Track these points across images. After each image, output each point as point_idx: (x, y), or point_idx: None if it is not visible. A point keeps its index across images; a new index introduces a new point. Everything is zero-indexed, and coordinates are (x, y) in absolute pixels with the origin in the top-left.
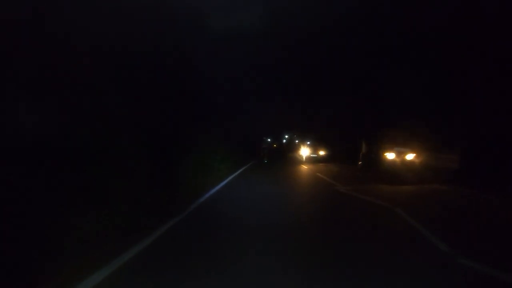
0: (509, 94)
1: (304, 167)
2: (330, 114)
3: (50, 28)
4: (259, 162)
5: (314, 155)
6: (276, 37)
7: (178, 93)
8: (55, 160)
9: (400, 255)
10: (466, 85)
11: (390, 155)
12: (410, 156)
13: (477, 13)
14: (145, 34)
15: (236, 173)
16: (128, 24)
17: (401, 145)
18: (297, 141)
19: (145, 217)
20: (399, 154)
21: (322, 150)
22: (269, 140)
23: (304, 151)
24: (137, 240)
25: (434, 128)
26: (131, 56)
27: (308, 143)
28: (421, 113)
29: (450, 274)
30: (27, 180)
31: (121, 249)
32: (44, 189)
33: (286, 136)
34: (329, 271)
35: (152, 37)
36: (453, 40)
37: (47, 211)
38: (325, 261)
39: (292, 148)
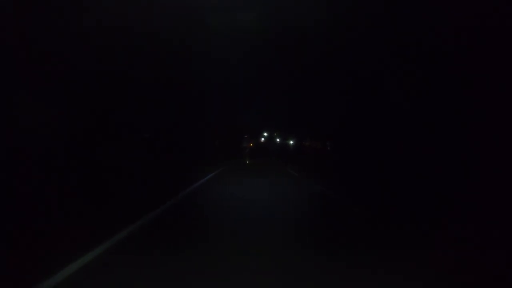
0: None
1: None
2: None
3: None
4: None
5: None
6: (270, 37)
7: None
8: None
9: None
10: None
11: None
12: None
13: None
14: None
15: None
16: (123, 20)
17: None
18: (278, 139)
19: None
20: None
21: None
22: (245, 136)
23: None
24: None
25: None
26: (127, 55)
27: None
28: None
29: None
30: None
31: None
32: None
33: (265, 134)
34: None
35: (145, 38)
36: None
37: None
38: None
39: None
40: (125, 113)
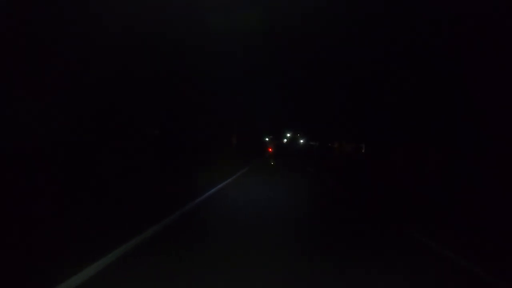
0: None
1: None
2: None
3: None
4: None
5: None
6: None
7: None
8: None
9: None
10: None
11: None
12: None
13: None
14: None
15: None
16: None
17: None
18: (301, 140)
19: None
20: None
21: None
22: (266, 139)
23: None
24: None
25: None
26: (129, 54)
27: None
28: None
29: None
30: None
31: None
32: None
33: (288, 135)
34: None
35: (150, 37)
36: None
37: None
38: None
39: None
40: (130, 112)
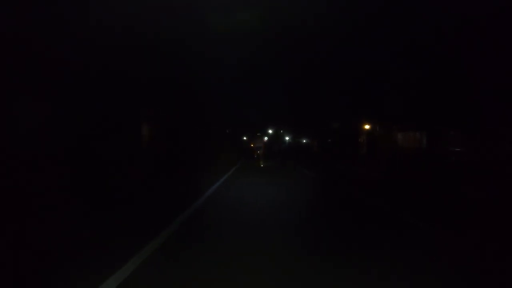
0: None
1: None
2: None
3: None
4: None
5: None
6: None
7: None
8: None
9: None
10: None
11: None
12: None
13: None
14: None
15: None
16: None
17: None
18: (287, 138)
19: None
20: None
21: None
22: (245, 138)
23: None
24: None
25: None
26: (127, 52)
27: None
28: None
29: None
30: None
31: None
32: None
33: (270, 131)
34: None
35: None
36: None
37: None
38: None
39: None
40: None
